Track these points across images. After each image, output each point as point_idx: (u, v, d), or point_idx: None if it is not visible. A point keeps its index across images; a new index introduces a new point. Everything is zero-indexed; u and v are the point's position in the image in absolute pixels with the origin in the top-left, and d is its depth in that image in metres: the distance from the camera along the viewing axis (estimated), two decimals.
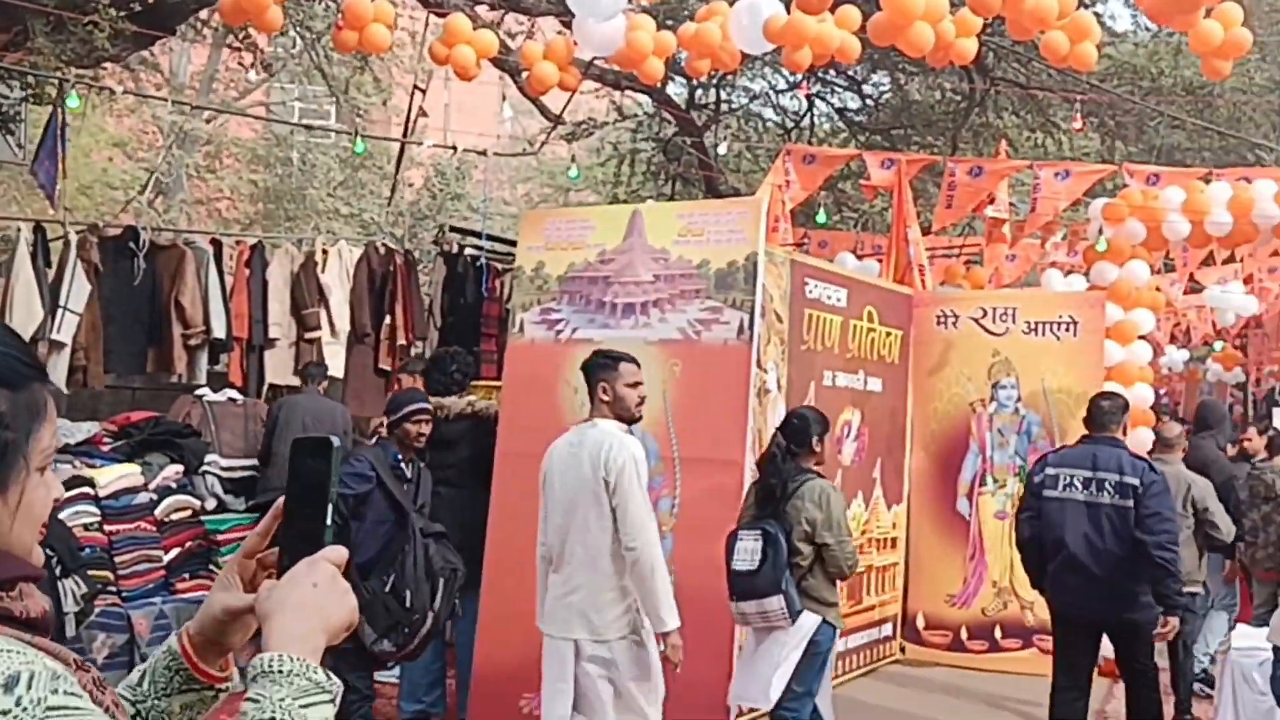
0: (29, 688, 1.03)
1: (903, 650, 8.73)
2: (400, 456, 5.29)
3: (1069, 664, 5.81)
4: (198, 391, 7.62)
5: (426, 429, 5.33)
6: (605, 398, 4.53)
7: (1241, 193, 8.50)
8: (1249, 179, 8.82)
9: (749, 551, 4.90)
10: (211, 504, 7.24)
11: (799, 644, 4.92)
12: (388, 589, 4.90)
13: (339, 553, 1.31)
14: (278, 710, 1.16)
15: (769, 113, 14.60)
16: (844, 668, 7.94)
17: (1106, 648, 5.96)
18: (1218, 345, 19.60)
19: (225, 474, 7.36)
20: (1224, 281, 13.51)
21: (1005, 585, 8.55)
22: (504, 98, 11.67)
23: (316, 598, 1.27)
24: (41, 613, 1.19)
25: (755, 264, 5.78)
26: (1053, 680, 5.86)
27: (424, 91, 9.80)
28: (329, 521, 1.33)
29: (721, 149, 10.45)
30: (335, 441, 1.36)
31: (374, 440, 5.84)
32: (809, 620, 4.94)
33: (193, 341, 8.36)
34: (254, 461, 7.48)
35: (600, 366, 4.57)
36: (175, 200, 21.46)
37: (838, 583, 5.16)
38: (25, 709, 1.01)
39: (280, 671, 1.19)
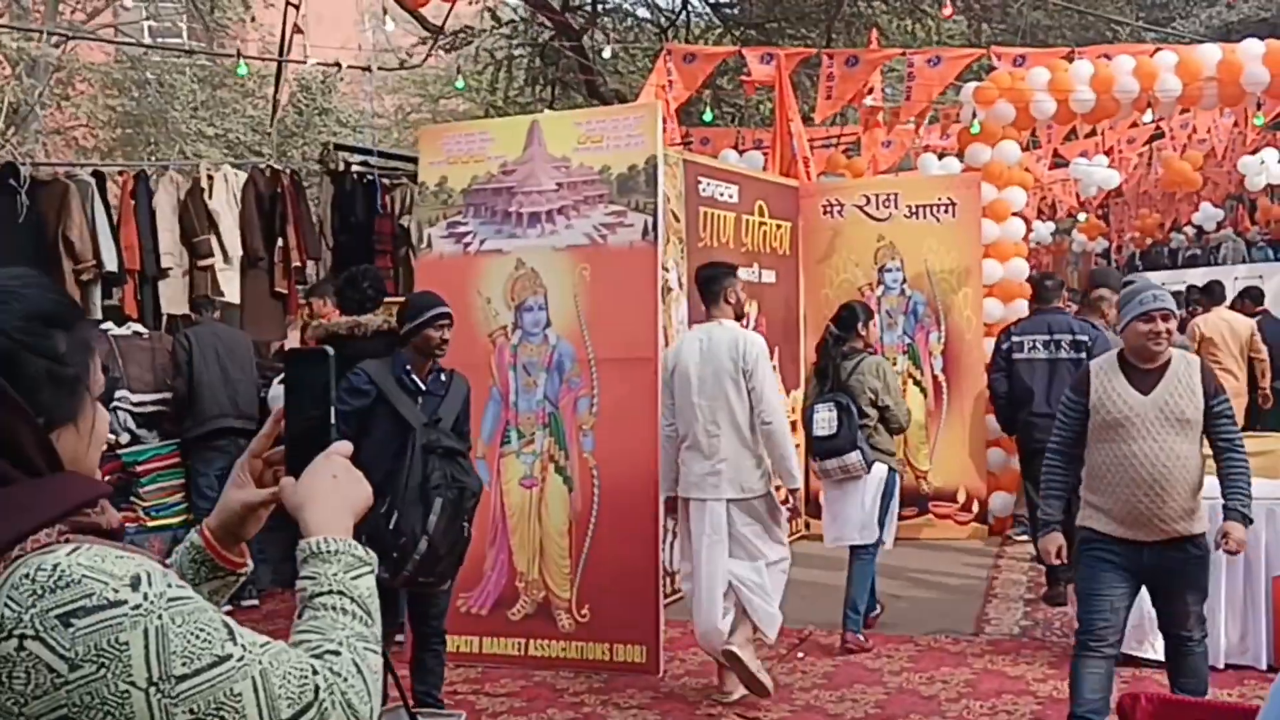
0: (150, 584, 1.19)
1: (808, 526, 9.17)
2: (411, 367, 4.72)
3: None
4: (102, 326, 7.53)
5: (449, 334, 4.76)
6: (730, 300, 5.44)
7: (1103, 69, 8.91)
8: (1109, 55, 9.24)
9: (826, 420, 5.99)
10: (125, 438, 7.23)
11: (875, 490, 6.11)
12: (382, 511, 4.45)
13: (345, 446, 1.51)
14: (333, 584, 1.35)
15: (643, 11, 14.60)
16: None
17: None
18: (1081, 217, 20.45)
19: (136, 409, 7.33)
20: (1087, 155, 14.10)
21: (901, 457, 9.01)
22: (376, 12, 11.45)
23: (338, 486, 1.46)
24: (120, 524, 1.36)
25: (655, 167, 5.94)
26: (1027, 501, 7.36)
27: (297, 7, 9.60)
28: (333, 420, 1.51)
29: (606, 53, 10.46)
30: (329, 351, 1.54)
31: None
32: (879, 469, 6.12)
33: (85, 276, 8.23)
34: (166, 395, 7.45)
35: (722, 275, 5.48)
36: (30, 131, 20.56)
37: (893, 437, 6.38)
38: (152, 602, 1.18)
39: (329, 551, 1.38)
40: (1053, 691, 5.32)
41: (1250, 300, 10.27)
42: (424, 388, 4.73)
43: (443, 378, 4.80)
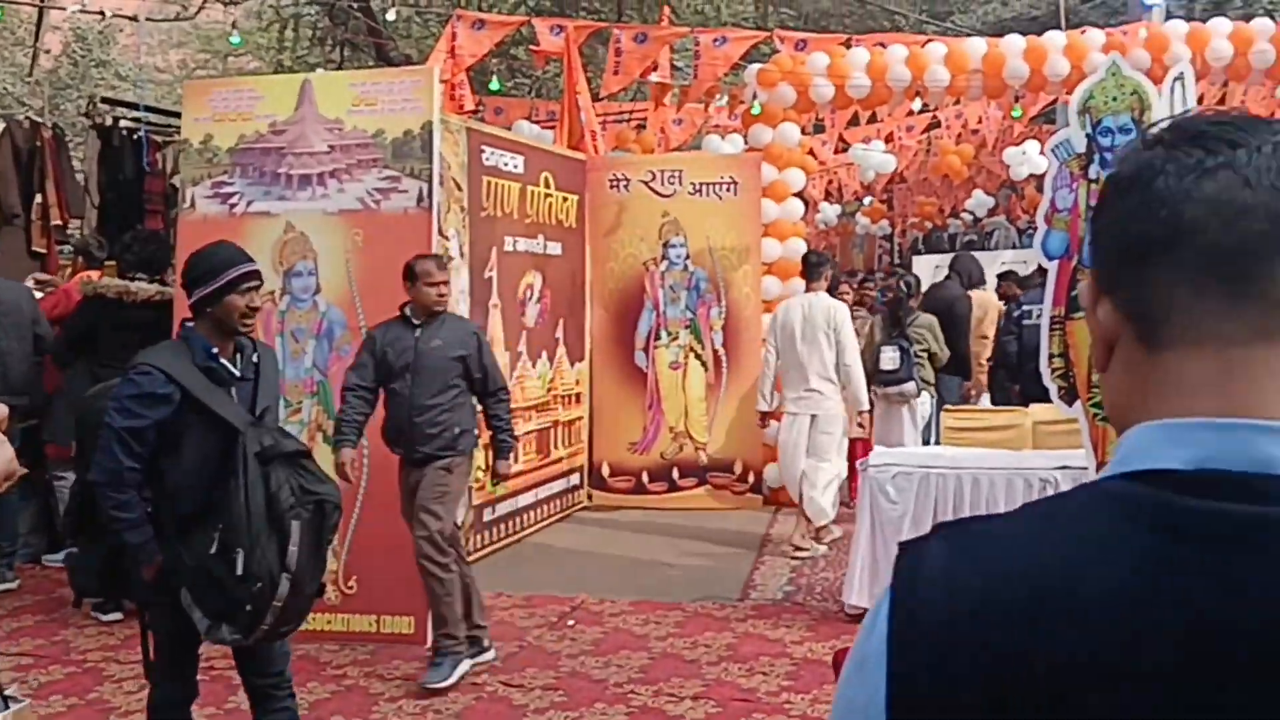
0: None
1: (590, 498, 9.28)
2: (216, 349, 3.59)
3: None
4: None
5: (259, 302, 3.70)
6: (825, 279, 7.79)
7: (878, 57, 9.25)
8: (884, 44, 9.60)
9: (891, 359, 8.24)
10: None
11: (917, 419, 8.40)
12: (214, 549, 3.42)
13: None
14: None
15: None
16: (536, 517, 8.40)
17: None
18: (866, 200, 21.23)
19: None
20: (868, 140, 14.63)
21: (681, 430, 9.22)
22: None
23: None
24: None
25: (431, 132, 5.86)
26: None
27: None
28: None
29: (390, 15, 10.23)
30: None
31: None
32: (925, 398, 8.48)
33: None
34: None
35: (825, 262, 7.96)
36: None
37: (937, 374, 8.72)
38: None
39: None
40: (807, 653, 5.54)
41: (1012, 283, 10.85)
42: (237, 374, 3.64)
43: (253, 357, 3.72)
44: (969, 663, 0.83)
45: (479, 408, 5.40)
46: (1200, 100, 12.66)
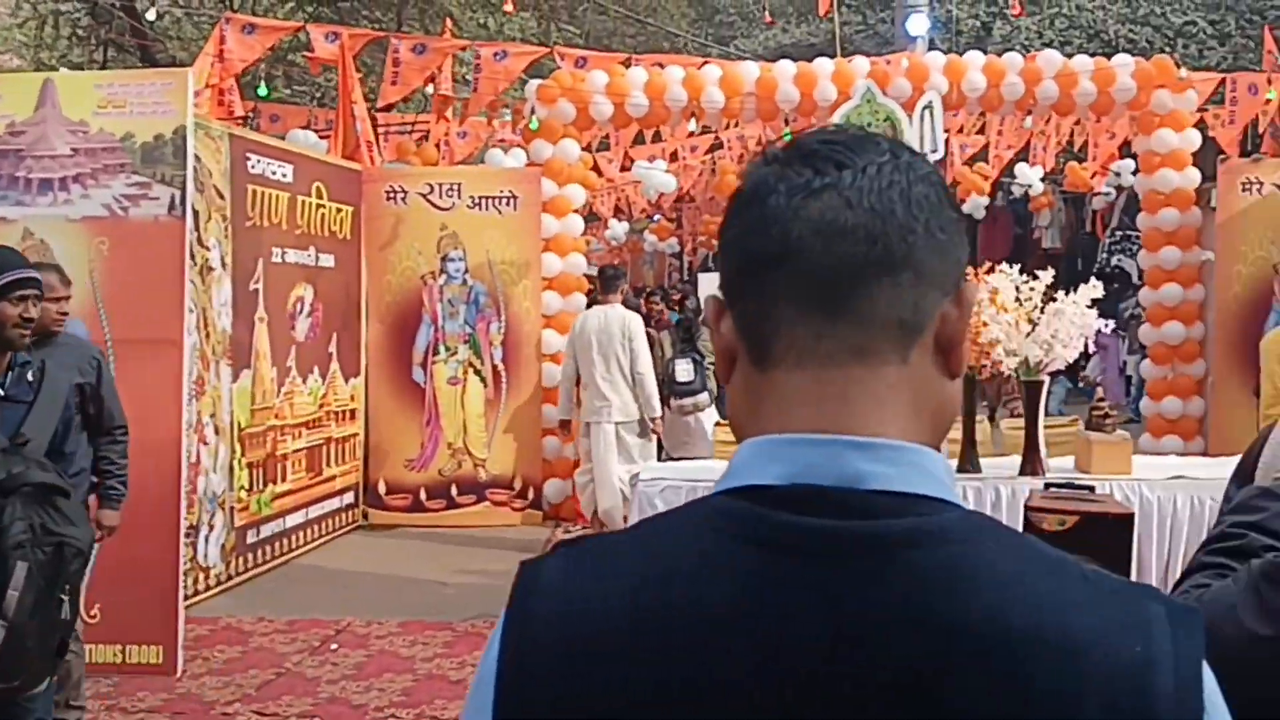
0: None
1: (365, 516, 9.06)
2: None
3: None
4: None
5: (35, 312, 3.44)
6: (621, 292, 8.17)
7: (656, 77, 9.39)
8: (662, 65, 9.75)
9: (685, 370, 8.73)
10: None
11: (707, 429, 8.36)
12: None
13: None
14: None
15: None
16: (306, 538, 8.15)
17: None
18: (655, 218, 21.54)
19: None
20: (653, 159, 14.84)
21: (459, 446, 9.10)
22: None
23: None
24: None
25: (185, 138, 5.61)
26: None
27: None
28: None
29: (150, 15, 9.77)
30: None
31: None
32: (713, 410, 8.78)
33: None
34: None
35: (620, 276, 8.49)
36: None
37: None
38: None
39: None
40: None
41: None
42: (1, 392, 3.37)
43: (29, 375, 3.45)
44: (575, 683, 0.82)
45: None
46: (960, 130, 13.39)
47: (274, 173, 7.62)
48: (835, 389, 0.85)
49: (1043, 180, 15.05)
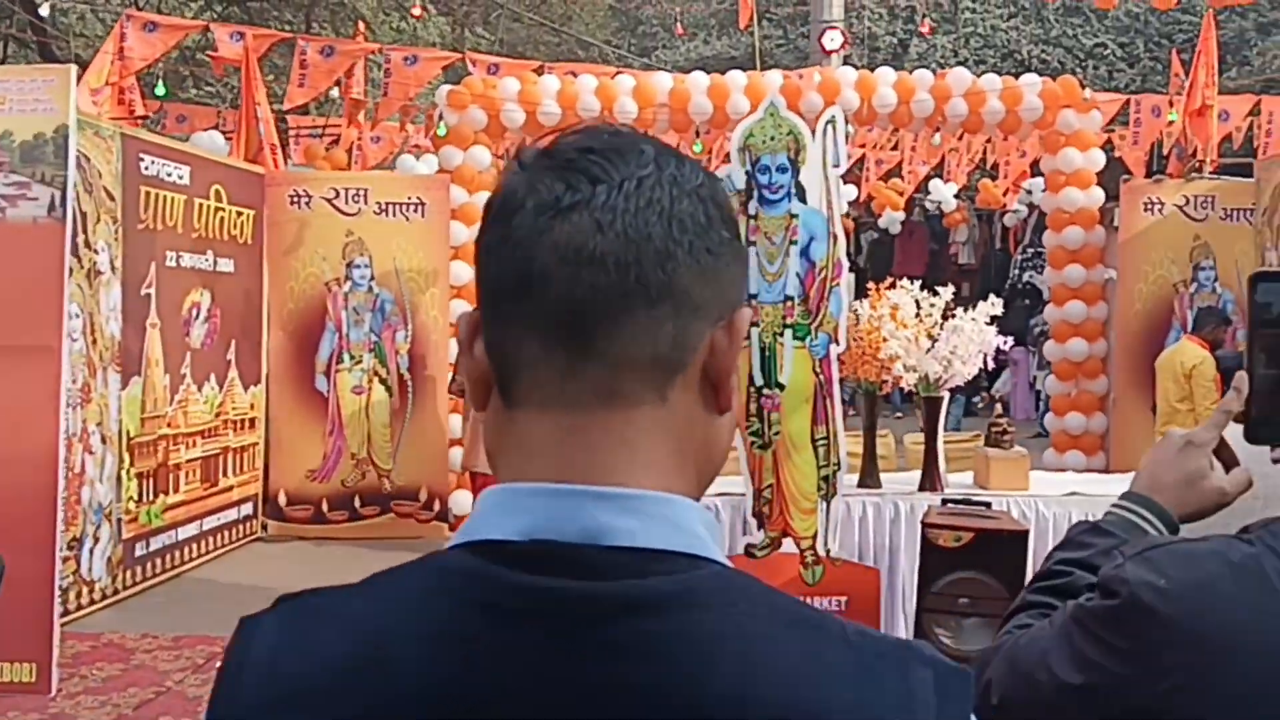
0: None
1: (265, 528, 8.84)
2: None
3: None
4: None
5: None
6: None
7: (569, 86, 9.31)
8: (575, 73, 9.68)
9: None
10: None
11: None
12: None
13: None
14: None
15: None
16: (200, 550, 7.92)
17: None
18: None
19: None
20: None
21: (364, 457, 8.92)
22: None
23: None
24: None
25: (66, 137, 5.41)
26: None
27: None
28: None
29: (44, 10, 9.47)
30: None
31: None
32: None
33: None
34: None
35: None
36: None
37: None
38: None
39: None
40: None
41: None
42: None
43: None
44: None
45: None
46: (876, 146, 13.50)
47: (169, 174, 7.41)
48: (579, 437, 0.76)
49: (956, 197, 15.24)
